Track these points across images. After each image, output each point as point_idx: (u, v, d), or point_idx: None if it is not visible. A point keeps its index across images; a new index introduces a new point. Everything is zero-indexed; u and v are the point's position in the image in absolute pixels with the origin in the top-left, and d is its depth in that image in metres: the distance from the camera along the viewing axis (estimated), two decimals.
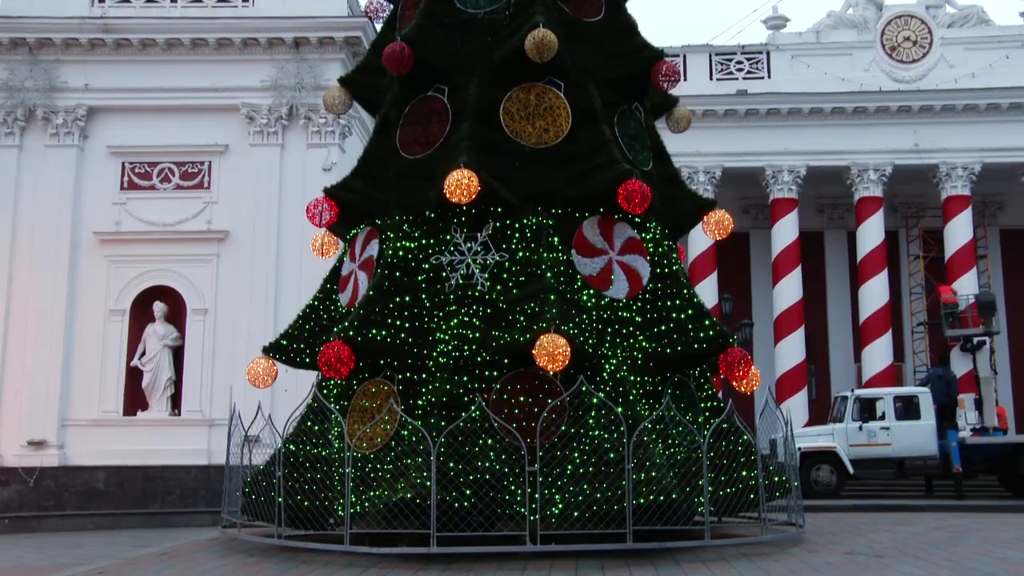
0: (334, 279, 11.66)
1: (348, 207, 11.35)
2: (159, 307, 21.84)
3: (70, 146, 22.56)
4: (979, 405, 23.95)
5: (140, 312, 22.03)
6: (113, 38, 22.60)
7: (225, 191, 22.38)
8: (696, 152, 27.33)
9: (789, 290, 28.84)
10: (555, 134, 10.62)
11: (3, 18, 22.67)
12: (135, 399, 21.81)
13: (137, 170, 22.61)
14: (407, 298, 10.28)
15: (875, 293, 28.74)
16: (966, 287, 28.06)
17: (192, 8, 22.96)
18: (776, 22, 30.19)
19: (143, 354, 21.84)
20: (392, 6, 12.33)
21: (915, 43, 29.18)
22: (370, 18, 12.88)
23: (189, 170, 22.56)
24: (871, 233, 28.94)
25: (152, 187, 22.52)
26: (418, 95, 11.13)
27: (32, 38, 22.56)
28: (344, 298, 11.33)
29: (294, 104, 22.48)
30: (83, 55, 22.73)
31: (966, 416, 23.48)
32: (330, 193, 11.35)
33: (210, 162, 22.60)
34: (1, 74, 22.63)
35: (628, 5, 12.08)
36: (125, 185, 22.56)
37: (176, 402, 21.85)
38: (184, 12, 22.90)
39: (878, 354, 28.44)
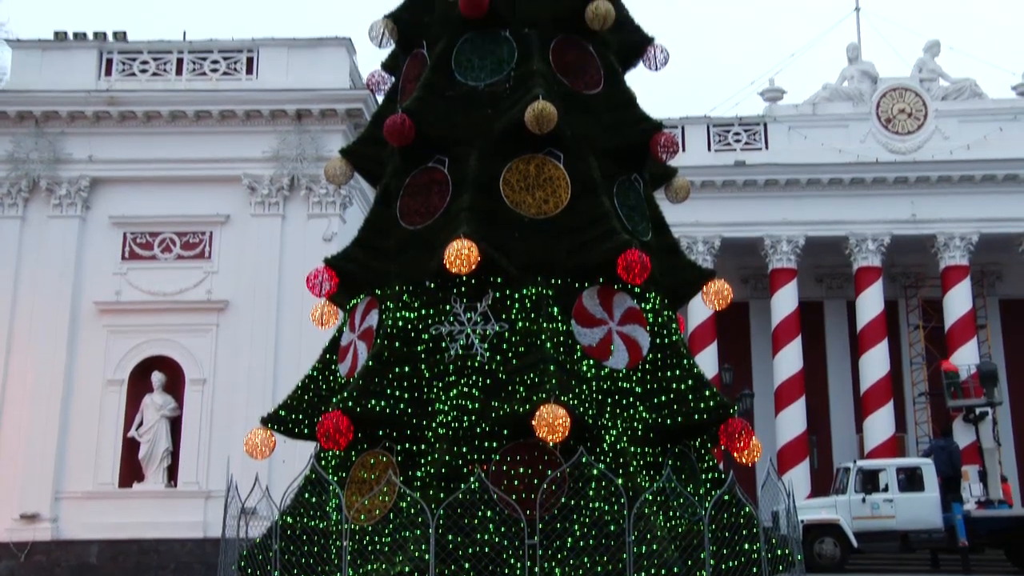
0: (333, 349, 11.62)
1: (348, 277, 11.37)
2: (157, 377, 21.76)
3: (72, 217, 22.73)
4: (983, 477, 23.73)
5: (138, 382, 21.95)
6: (118, 110, 22.91)
7: (226, 261, 22.47)
8: (695, 222, 27.51)
9: (789, 360, 28.78)
10: (555, 205, 10.67)
11: (11, 92, 23.03)
12: (131, 470, 21.62)
13: (139, 240, 22.73)
14: (406, 368, 10.23)
15: (876, 363, 28.68)
16: (966, 357, 28.01)
17: (197, 81, 23.32)
18: (773, 94, 30.63)
19: (140, 425, 21.71)
20: (393, 79, 12.49)
21: (910, 115, 29.56)
22: (371, 90, 13.04)
23: (190, 240, 22.68)
24: (870, 303, 28.98)
25: (153, 257, 22.62)
26: (418, 166, 11.22)
27: (39, 111, 22.87)
28: (343, 368, 11.29)
29: (296, 175, 22.69)
30: (88, 127, 23.02)
31: (970, 488, 23.26)
32: (330, 263, 11.37)
33: (211, 232, 22.72)
34: (7, 146, 22.88)
35: (627, 77, 12.24)
36: (126, 255, 22.66)
37: (172, 473, 21.64)
38: (189, 85, 23.26)
39: (880, 425, 28.28)
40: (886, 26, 48.64)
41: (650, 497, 9.56)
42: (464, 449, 9.78)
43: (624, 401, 10.45)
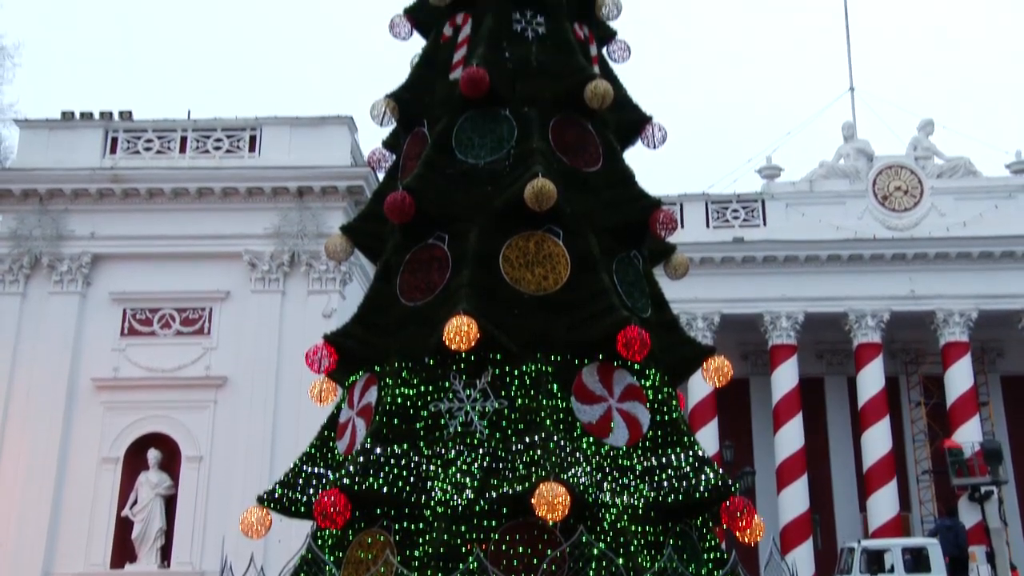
0: (332, 426, 11.53)
1: (347, 353, 11.33)
2: (153, 455, 21.55)
3: (73, 293, 22.76)
4: (991, 558, 23.35)
5: (134, 459, 21.74)
6: (121, 188, 23.12)
7: (225, 337, 22.43)
8: (694, 298, 27.48)
9: (790, 437, 28.55)
10: (554, 281, 10.70)
11: (16, 170, 23.25)
12: (124, 550, 21.27)
13: (138, 316, 22.73)
14: (405, 446, 10.13)
15: (878, 440, 28.44)
16: (969, 434, 27.79)
17: (200, 159, 23.58)
18: (770, 172, 30.94)
19: (134, 503, 21.42)
20: (394, 157, 12.63)
21: (906, 192, 29.82)
22: (372, 168, 13.18)
23: (190, 316, 22.69)
24: (871, 379, 28.85)
25: (152, 333, 22.59)
26: (419, 243, 11.27)
27: (43, 188, 23.07)
28: (342, 445, 11.18)
29: (296, 251, 22.79)
30: (91, 204, 23.19)
31: (978, 570, 22.87)
32: (330, 339, 11.34)
33: (211, 308, 22.74)
34: (10, 224, 23.03)
35: (626, 155, 12.38)
36: (125, 331, 22.63)
37: (166, 553, 21.29)
38: (192, 162, 23.51)
39: (883, 503, 27.93)
40: (880, 105, 49.33)
41: None
42: (463, 528, 9.64)
43: (624, 479, 10.34)
